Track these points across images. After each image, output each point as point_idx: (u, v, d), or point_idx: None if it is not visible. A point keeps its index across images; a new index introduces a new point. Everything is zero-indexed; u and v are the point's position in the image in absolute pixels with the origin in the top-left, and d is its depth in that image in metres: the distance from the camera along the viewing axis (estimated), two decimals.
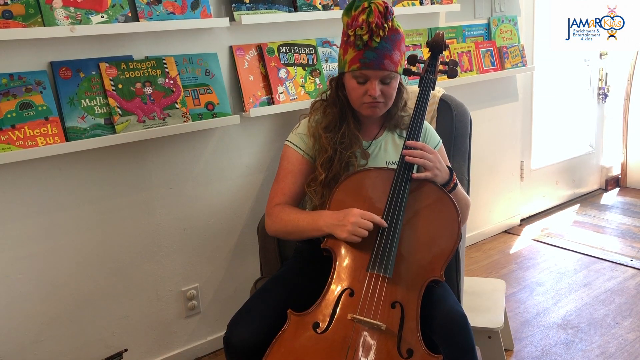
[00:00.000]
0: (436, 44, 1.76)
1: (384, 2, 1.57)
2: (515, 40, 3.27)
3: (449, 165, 1.67)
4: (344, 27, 1.62)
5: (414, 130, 1.62)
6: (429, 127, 1.77)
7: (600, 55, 4.09)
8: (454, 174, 1.63)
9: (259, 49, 2.32)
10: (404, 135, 1.74)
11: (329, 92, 1.73)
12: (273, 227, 1.67)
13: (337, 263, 1.51)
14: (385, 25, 1.54)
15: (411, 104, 1.75)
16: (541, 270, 3.09)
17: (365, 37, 1.54)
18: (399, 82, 1.70)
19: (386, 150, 1.72)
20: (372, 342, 1.39)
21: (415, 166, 1.58)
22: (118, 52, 2.02)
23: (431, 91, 1.73)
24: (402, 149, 1.59)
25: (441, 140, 1.79)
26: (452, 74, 1.78)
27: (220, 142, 2.31)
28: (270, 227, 1.68)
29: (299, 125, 1.75)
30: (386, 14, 1.55)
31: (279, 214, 1.64)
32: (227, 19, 2.17)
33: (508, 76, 3.31)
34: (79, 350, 2.12)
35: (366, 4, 1.55)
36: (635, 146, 4.30)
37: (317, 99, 1.76)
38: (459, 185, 1.65)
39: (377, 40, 1.54)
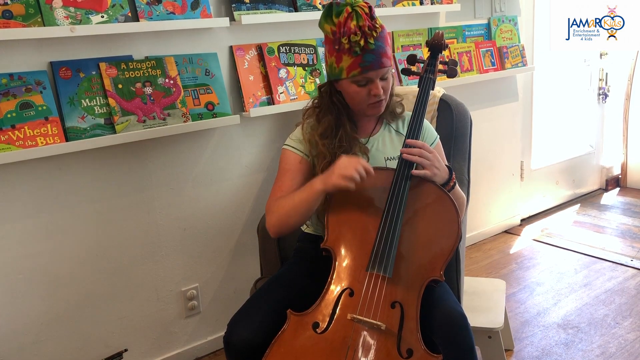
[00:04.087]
0: (436, 44, 1.76)
1: (366, 3, 1.58)
2: (515, 40, 3.27)
3: (448, 164, 1.67)
4: (327, 34, 1.61)
5: (413, 129, 1.63)
6: (426, 124, 1.77)
7: (600, 55, 4.08)
8: (453, 173, 1.63)
9: (259, 49, 2.32)
10: (402, 131, 1.74)
11: (318, 99, 1.72)
12: (274, 220, 1.61)
13: (336, 263, 1.51)
14: (377, 25, 1.56)
15: (409, 103, 1.75)
16: (541, 270, 3.09)
17: (362, 43, 1.54)
18: None
19: (384, 146, 1.72)
20: (371, 342, 1.39)
21: (415, 165, 1.58)
22: (118, 52, 2.03)
23: (431, 91, 1.73)
24: (402, 147, 1.59)
25: (438, 137, 1.79)
26: (451, 73, 1.78)
27: (220, 142, 2.31)
28: (270, 220, 1.63)
29: (294, 132, 1.75)
30: (371, 14, 1.57)
31: (275, 203, 1.62)
32: (227, 19, 2.18)
33: (508, 76, 3.31)
34: (79, 350, 2.12)
35: (350, 9, 1.55)
36: (635, 146, 4.29)
37: (308, 107, 1.74)
38: (457, 185, 1.65)
39: (372, 42, 1.55)
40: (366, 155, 1.68)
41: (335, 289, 1.48)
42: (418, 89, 1.71)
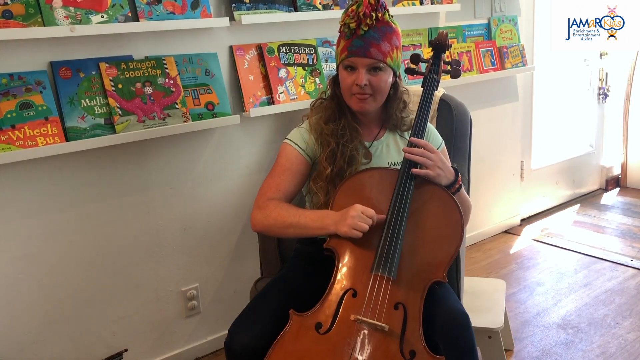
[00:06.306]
0: (440, 44, 1.75)
1: None
2: (516, 40, 3.27)
3: (454, 165, 1.67)
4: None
5: (417, 130, 1.62)
6: (431, 128, 1.77)
7: (600, 55, 4.09)
8: (459, 175, 1.62)
9: (259, 48, 2.31)
10: (406, 137, 1.74)
11: (328, 90, 1.74)
12: (264, 220, 1.58)
13: (340, 264, 1.51)
14: (373, 14, 1.57)
15: (413, 105, 1.75)
16: (541, 270, 3.09)
17: (353, 25, 1.57)
18: (399, 84, 1.70)
19: (388, 150, 1.72)
20: (374, 343, 1.39)
21: (419, 165, 1.57)
22: (118, 52, 2.02)
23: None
24: (406, 147, 1.59)
25: (444, 142, 1.79)
26: (455, 74, 1.76)
27: (220, 142, 2.31)
28: (259, 220, 1.59)
29: (302, 123, 1.75)
30: (377, 6, 1.58)
31: (275, 208, 1.58)
32: (227, 18, 2.17)
33: (508, 76, 3.31)
34: (79, 350, 2.11)
35: None
36: (635, 146, 4.30)
37: (317, 98, 1.77)
38: (462, 188, 1.64)
39: (365, 29, 1.57)
40: (369, 159, 1.67)
41: (338, 289, 1.47)
42: (422, 88, 1.71)
